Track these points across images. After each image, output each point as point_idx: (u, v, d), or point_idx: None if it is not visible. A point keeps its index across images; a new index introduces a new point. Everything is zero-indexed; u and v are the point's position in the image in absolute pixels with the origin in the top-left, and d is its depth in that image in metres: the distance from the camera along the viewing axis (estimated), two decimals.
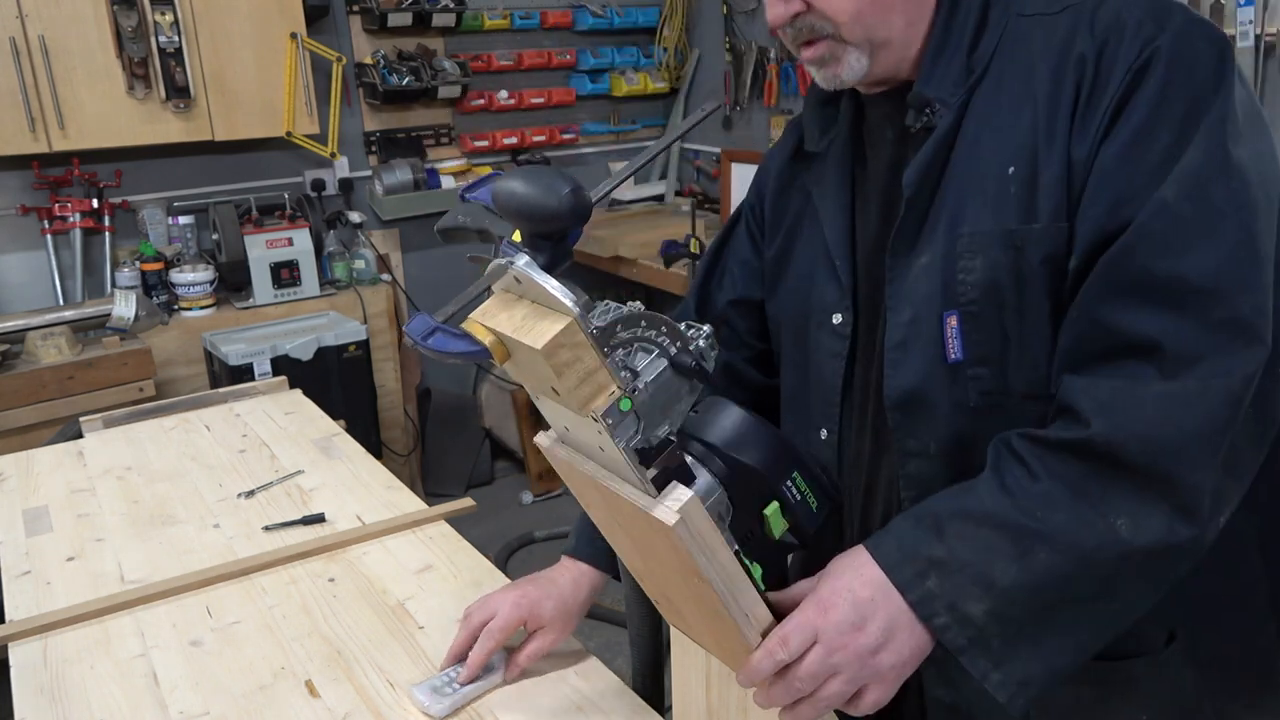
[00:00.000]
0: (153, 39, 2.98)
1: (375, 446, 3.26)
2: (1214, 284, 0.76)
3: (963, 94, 0.89)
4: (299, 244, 3.28)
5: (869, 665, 0.79)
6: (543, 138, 4.04)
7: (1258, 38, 2.45)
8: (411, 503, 1.64)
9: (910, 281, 0.91)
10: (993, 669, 0.79)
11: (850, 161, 1.03)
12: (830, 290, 1.02)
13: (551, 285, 0.68)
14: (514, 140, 3.95)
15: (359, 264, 3.49)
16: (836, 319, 1.01)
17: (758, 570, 0.81)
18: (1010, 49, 0.89)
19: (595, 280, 3.62)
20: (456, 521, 1.59)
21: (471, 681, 1.13)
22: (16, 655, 1.27)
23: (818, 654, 0.79)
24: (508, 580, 1.40)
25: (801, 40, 0.93)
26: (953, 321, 0.88)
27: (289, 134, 3.29)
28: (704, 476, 0.78)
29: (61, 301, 3.20)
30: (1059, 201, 0.83)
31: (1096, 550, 0.77)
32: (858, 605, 0.80)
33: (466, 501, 1.64)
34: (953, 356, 0.88)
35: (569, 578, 1.18)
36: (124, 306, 2.85)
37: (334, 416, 2.07)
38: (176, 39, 3.01)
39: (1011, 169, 0.86)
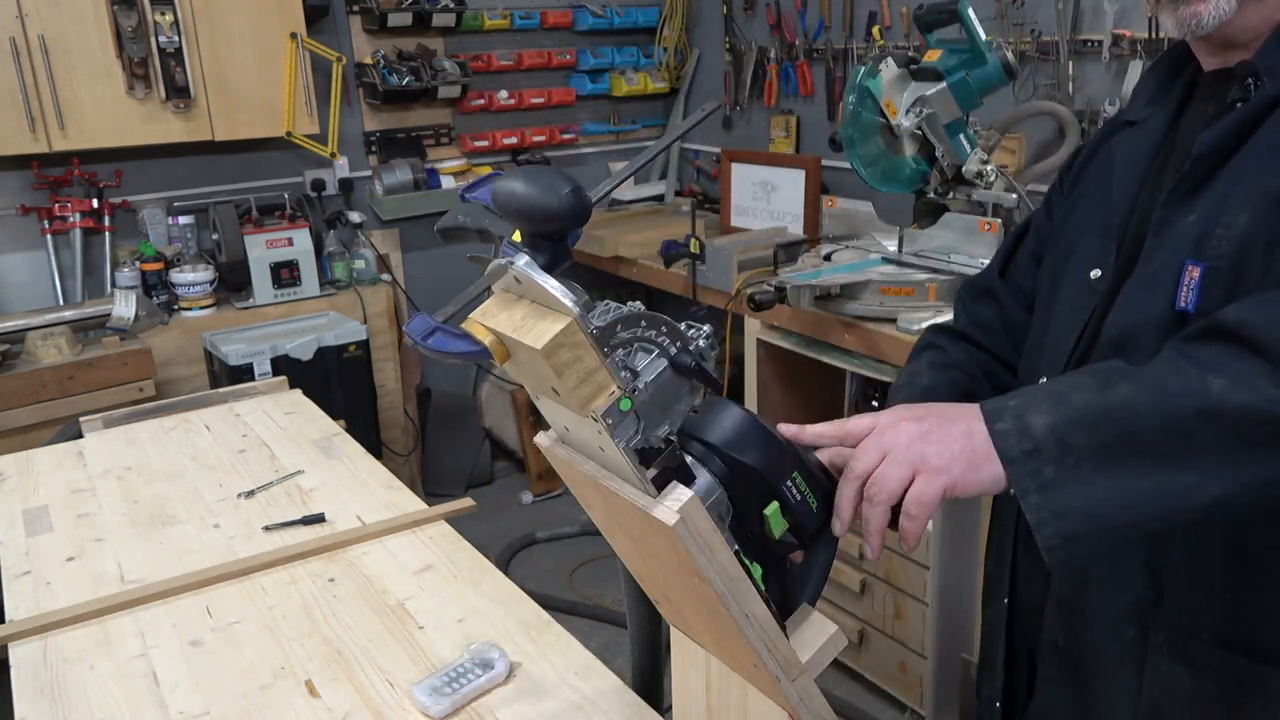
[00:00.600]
0: (153, 39, 2.98)
1: (375, 446, 3.26)
2: None
3: None
4: (299, 244, 3.28)
5: (914, 448, 0.78)
6: (543, 138, 4.04)
7: None
8: (411, 503, 1.64)
9: (1171, 236, 0.90)
10: (1034, 490, 0.75)
11: (1165, 134, 1.01)
12: (1096, 245, 1.01)
13: (551, 285, 0.68)
14: (514, 140, 3.95)
15: (359, 264, 3.49)
16: (1095, 273, 1.00)
17: (758, 570, 0.81)
18: None
19: (595, 280, 3.62)
20: (456, 521, 1.59)
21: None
22: (16, 655, 1.27)
23: (871, 438, 0.80)
24: (508, 580, 1.40)
25: None
26: (1195, 272, 0.86)
27: (289, 134, 3.29)
28: (704, 476, 0.78)
29: (61, 301, 3.20)
30: None
31: (1180, 396, 0.73)
32: (922, 409, 0.81)
33: (466, 501, 1.64)
34: (1182, 304, 0.86)
35: None
36: (124, 306, 2.85)
37: (334, 416, 2.07)
38: (176, 39, 3.01)
39: None
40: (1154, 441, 0.74)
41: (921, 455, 0.78)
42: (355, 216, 3.58)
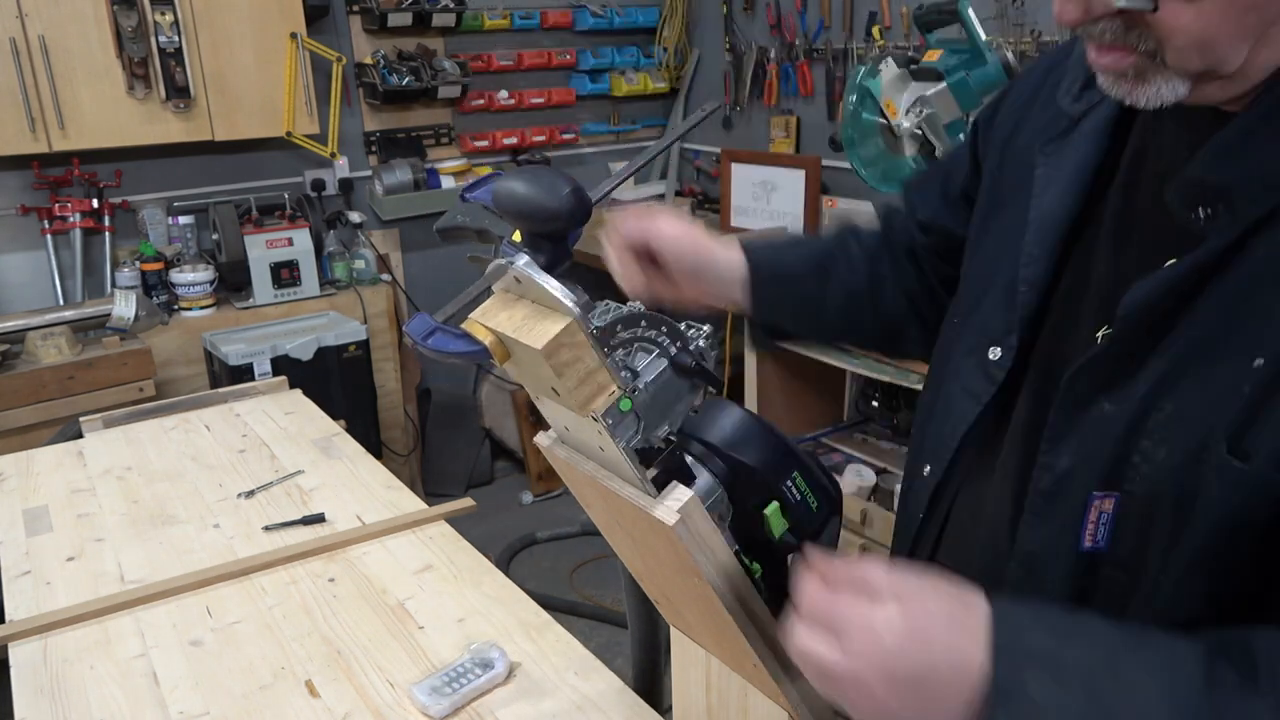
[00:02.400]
0: (153, 39, 2.98)
1: (375, 446, 3.27)
2: None
3: (1270, 204, 0.61)
4: (299, 244, 3.28)
5: (871, 694, 0.58)
6: (543, 138, 4.04)
7: None
8: (411, 503, 1.64)
9: (1085, 423, 0.70)
10: None
11: (1106, 145, 0.76)
12: (999, 313, 0.80)
13: (551, 285, 0.68)
14: (514, 140, 3.96)
15: (359, 264, 3.49)
16: (994, 353, 0.79)
17: (758, 570, 0.81)
18: None
19: (595, 280, 3.61)
20: (456, 521, 1.59)
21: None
22: (16, 655, 1.27)
23: (831, 658, 0.59)
24: (508, 580, 1.40)
25: (1104, 42, 0.65)
26: (1106, 505, 0.67)
27: (289, 134, 3.29)
28: (704, 476, 0.78)
29: (61, 301, 3.20)
30: None
31: None
32: (923, 643, 0.58)
33: (466, 501, 1.64)
34: (1089, 544, 0.68)
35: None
36: (124, 306, 2.85)
37: (334, 416, 2.07)
38: (176, 39, 3.01)
39: (1260, 361, 0.60)
40: None
41: (873, 698, 0.58)
42: (355, 216, 3.58)
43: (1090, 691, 0.55)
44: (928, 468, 0.86)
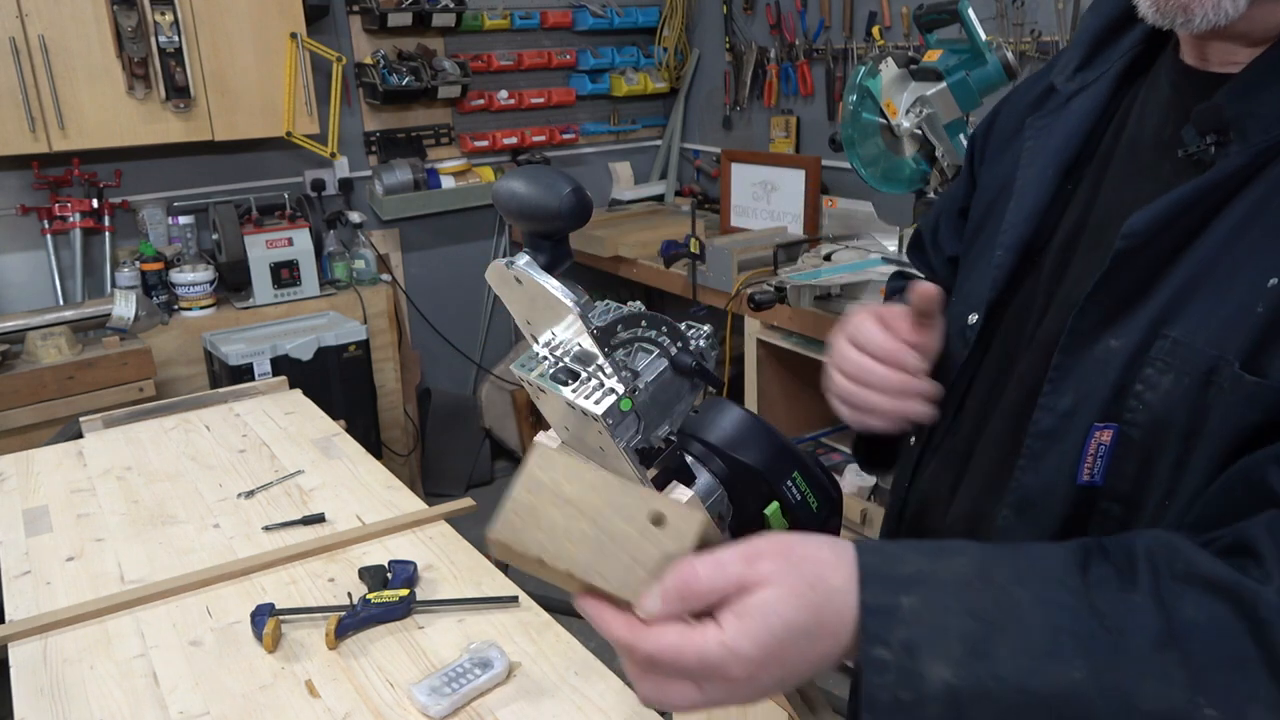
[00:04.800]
0: (153, 39, 2.98)
1: (375, 446, 3.26)
2: None
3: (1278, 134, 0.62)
4: (299, 244, 3.28)
5: (733, 689, 0.53)
6: (543, 138, 4.04)
7: None
8: (411, 503, 1.64)
9: (1089, 360, 0.68)
10: None
11: (1096, 121, 0.77)
12: (981, 283, 0.81)
13: (551, 285, 0.68)
14: (514, 140, 3.95)
15: (359, 264, 3.49)
16: (971, 318, 0.81)
17: None
18: None
19: (595, 280, 3.62)
20: (456, 521, 1.59)
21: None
22: (16, 655, 1.27)
23: (710, 645, 0.53)
24: (508, 581, 1.40)
25: None
26: (1104, 437, 0.66)
27: (289, 134, 3.29)
28: (704, 476, 0.78)
29: (61, 301, 3.20)
30: None
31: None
32: (805, 592, 0.53)
33: (466, 501, 1.64)
34: (1086, 478, 0.67)
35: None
36: (124, 306, 2.85)
37: (334, 416, 2.07)
38: (176, 39, 3.01)
39: (1275, 281, 0.59)
40: None
41: (734, 693, 0.54)
42: (355, 216, 3.58)
43: (963, 601, 0.53)
44: (912, 438, 0.90)
